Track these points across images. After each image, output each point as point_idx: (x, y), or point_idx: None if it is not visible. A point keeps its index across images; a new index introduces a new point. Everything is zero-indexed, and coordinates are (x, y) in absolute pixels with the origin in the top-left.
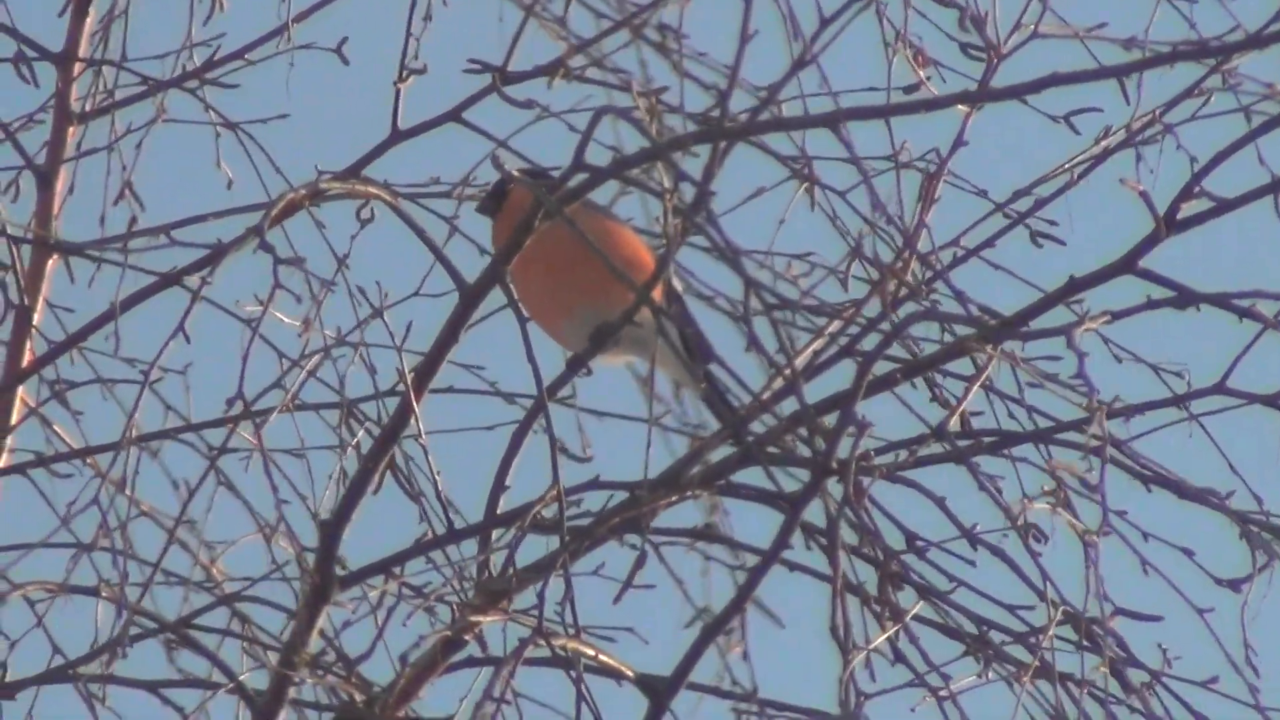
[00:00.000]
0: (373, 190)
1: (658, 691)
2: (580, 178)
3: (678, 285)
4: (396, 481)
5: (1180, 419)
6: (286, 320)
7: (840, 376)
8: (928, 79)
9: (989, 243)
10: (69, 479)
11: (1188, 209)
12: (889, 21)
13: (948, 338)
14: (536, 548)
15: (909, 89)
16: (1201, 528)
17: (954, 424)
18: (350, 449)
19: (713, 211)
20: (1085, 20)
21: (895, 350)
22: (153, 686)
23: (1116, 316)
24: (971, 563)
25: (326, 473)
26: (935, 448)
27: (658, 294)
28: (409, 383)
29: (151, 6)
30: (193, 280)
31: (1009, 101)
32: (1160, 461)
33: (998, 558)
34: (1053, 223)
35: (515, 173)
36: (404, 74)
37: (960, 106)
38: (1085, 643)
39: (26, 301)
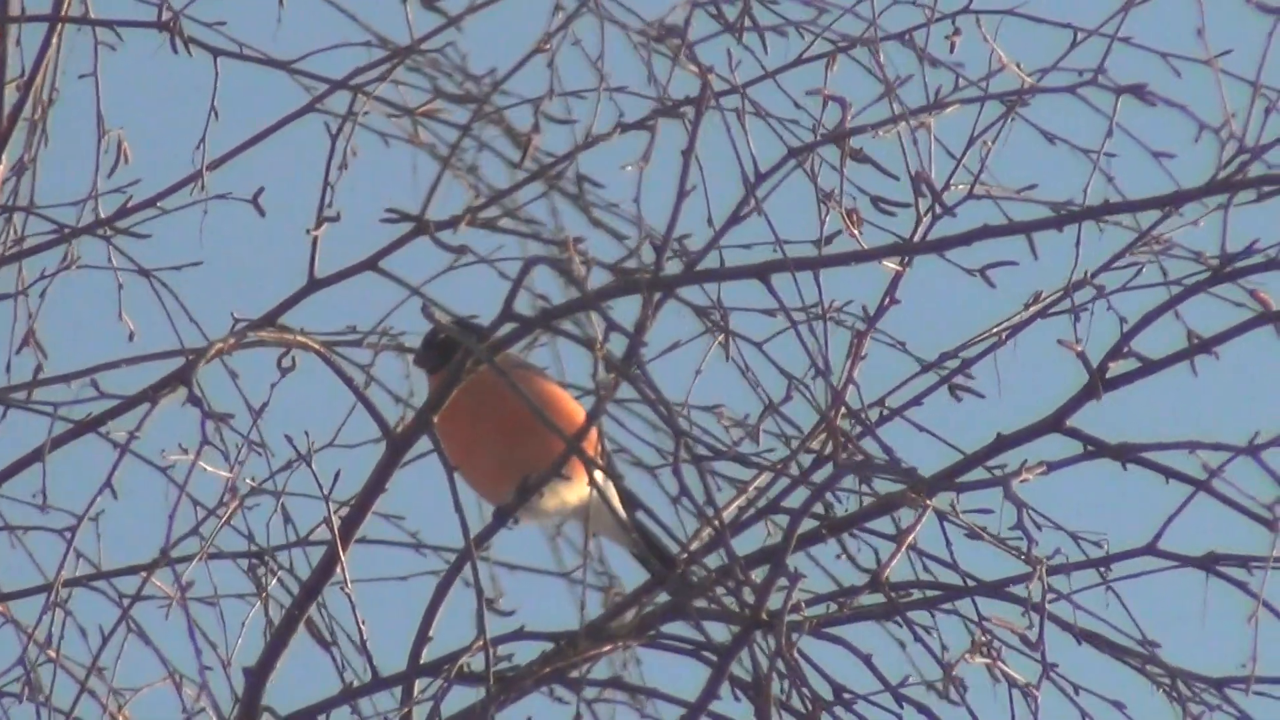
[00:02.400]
0: (299, 339)
1: None
2: (509, 327)
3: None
4: (309, 632)
5: (1105, 582)
6: (213, 470)
7: (759, 533)
8: (860, 238)
9: (915, 401)
10: None
11: (1116, 368)
12: (819, 177)
13: (867, 498)
14: (462, 699)
15: (829, 239)
16: (1133, 681)
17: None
18: (264, 597)
19: (643, 363)
20: (1020, 179)
21: (818, 508)
22: None
23: (1052, 467)
24: (898, 716)
25: (240, 620)
26: (866, 600)
27: (590, 446)
28: (335, 531)
29: (62, 155)
30: (119, 434)
31: (941, 259)
32: (1093, 612)
33: (924, 716)
34: (970, 375)
35: (444, 321)
36: (319, 221)
37: (889, 262)
38: None
39: None
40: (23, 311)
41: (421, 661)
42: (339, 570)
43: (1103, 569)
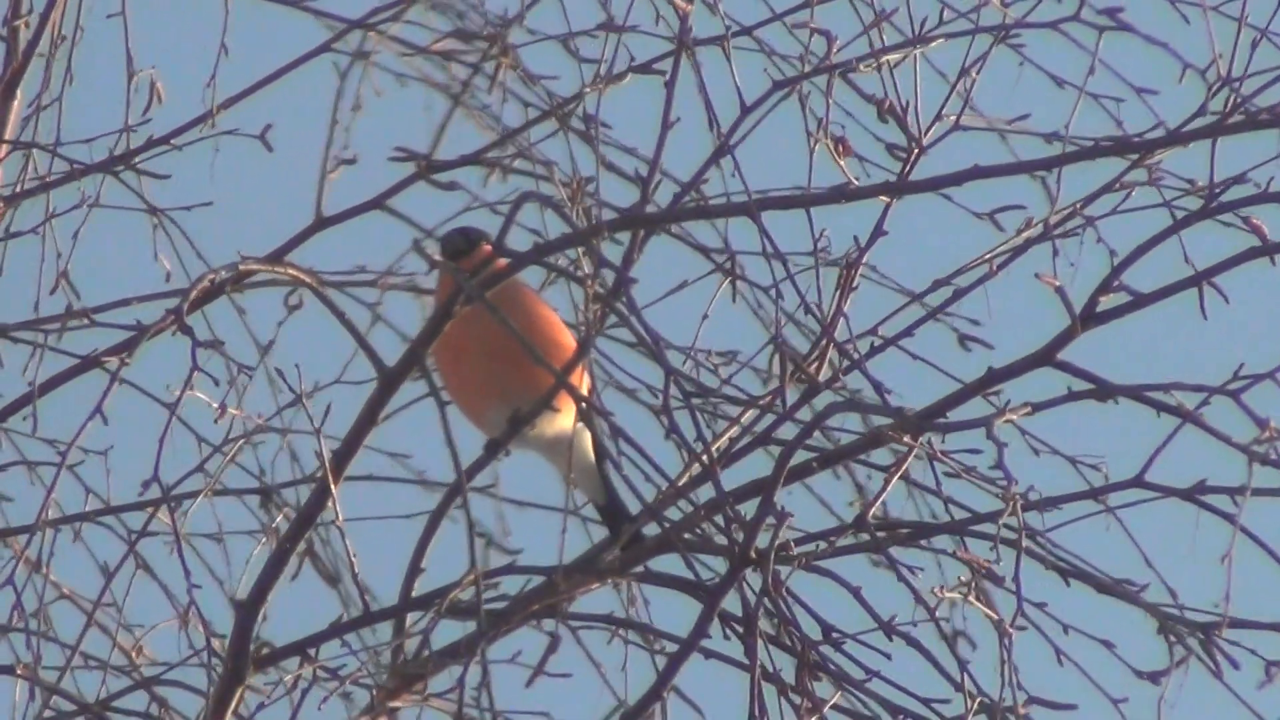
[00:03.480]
0: (292, 272)
1: None
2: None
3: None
4: (314, 568)
5: (1098, 510)
6: (210, 403)
7: (755, 467)
8: (849, 170)
9: (907, 332)
10: None
11: (1106, 302)
12: (811, 111)
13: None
14: (452, 632)
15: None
16: (1121, 620)
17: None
18: (270, 534)
19: (633, 298)
20: (1008, 114)
21: (812, 441)
22: None
23: (1036, 408)
24: (887, 655)
25: (245, 558)
26: (853, 538)
27: (578, 379)
28: (327, 466)
29: (82, 91)
30: (113, 362)
31: (930, 195)
32: (1080, 554)
33: (914, 649)
34: (976, 322)
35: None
36: (334, 165)
37: (881, 198)
38: None
39: None
40: (49, 248)
41: (413, 595)
42: (332, 504)
43: (1098, 498)
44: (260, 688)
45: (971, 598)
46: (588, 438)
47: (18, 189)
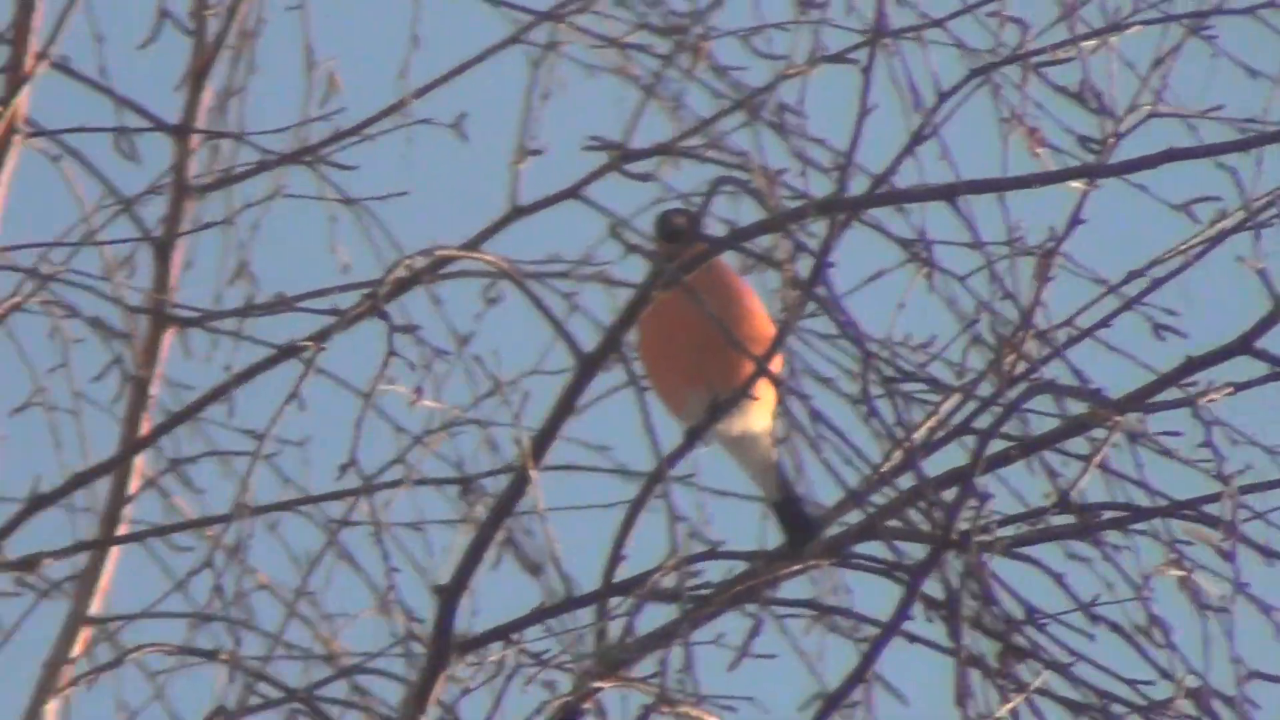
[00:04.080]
0: (489, 259)
1: None
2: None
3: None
4: (515, 556)
5: None
6: (404, 392)
7: (952, 457)
8: (1043, 160)
9: (1103, 323)
10: (188, 552)
11: None
12: (1004, 101)
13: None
14: (655, 617)
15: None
16: None
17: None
18: (469, 523)
19: (831, 283)
20: (1199, 105)
21: (1009, 430)
22: None
23: (1239, 389)
24: (1090, 635)
25: (444, 547)
26: (1057, 521)
27: (777, 366)
28: (526, 453)
29: (269, 82)
30: (309, 350)
31: (1124, 187)
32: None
33: (1116, 633)
34: (1173, 312)
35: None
36: (520, 155)
37: (1077, 183)
38: (1206, 718)
39: (144, 373)
40: (231, 240)
41: (614, 581)
42: (531, 492)
43: None
44: (460, 677)
45: (1187, 577)
46: (768, 436)
47: (206, 180)
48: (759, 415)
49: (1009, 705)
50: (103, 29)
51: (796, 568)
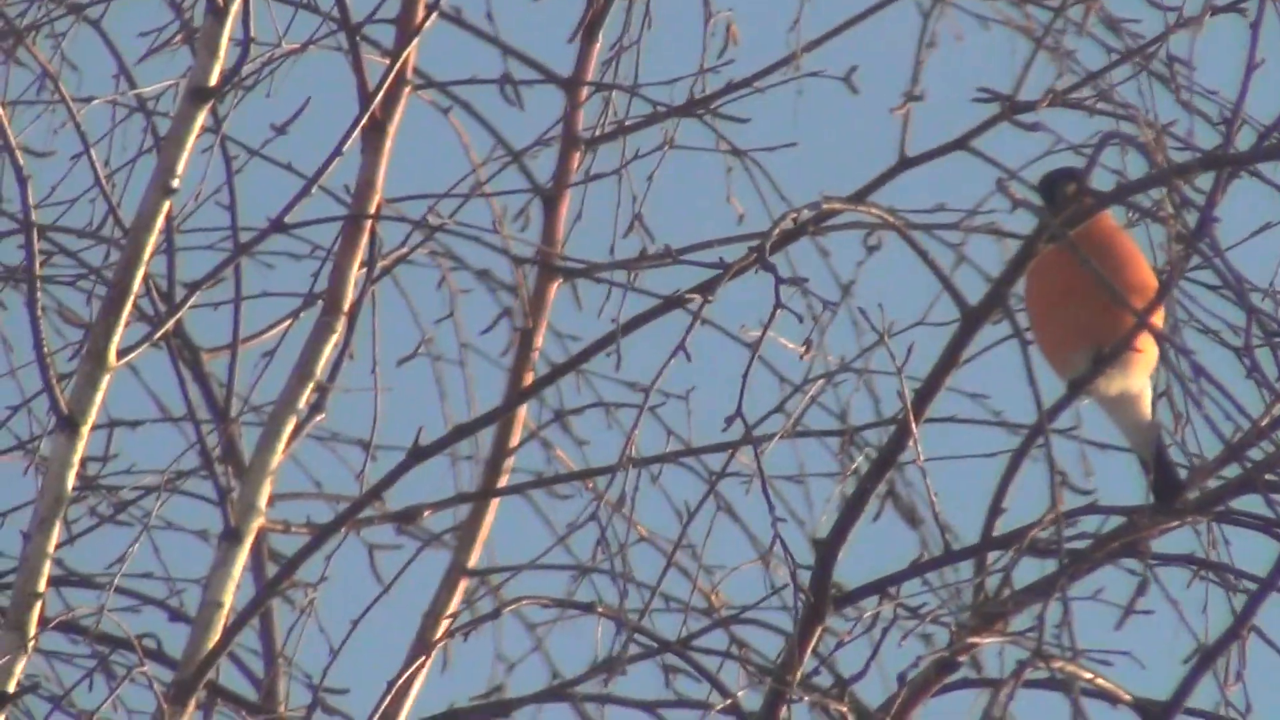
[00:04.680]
0: (875, 212)
1: (1154, 716)
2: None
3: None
4: (895, 508)
5: None
6: (788, 345)
7: None
8: None
9: None
10: (568, 500)
11: None
12: None
13: None
14: (1033, 571)
15: None
16: None
17: None
18: (850, 475)
19: (1215, 238)
20: None
21: None
22: (649, 706)
23: None
24: None
25: (825, 498)
26: None
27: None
28: (909, 405)
29: (661, 35)
30: (695, 301)
31: None
32: None
33: None
34: None
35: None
36: (902, 102)
37: None
38: None
39: (530, 324)
40: (625, 191)
41: (994, 534)
42: (912, 444)
43: None
44: (836, 630)
45: None
46: (1147, 393)
47: (596, 133)
48: (1139, 373)
49: None
50: None
51: (1173, 523)
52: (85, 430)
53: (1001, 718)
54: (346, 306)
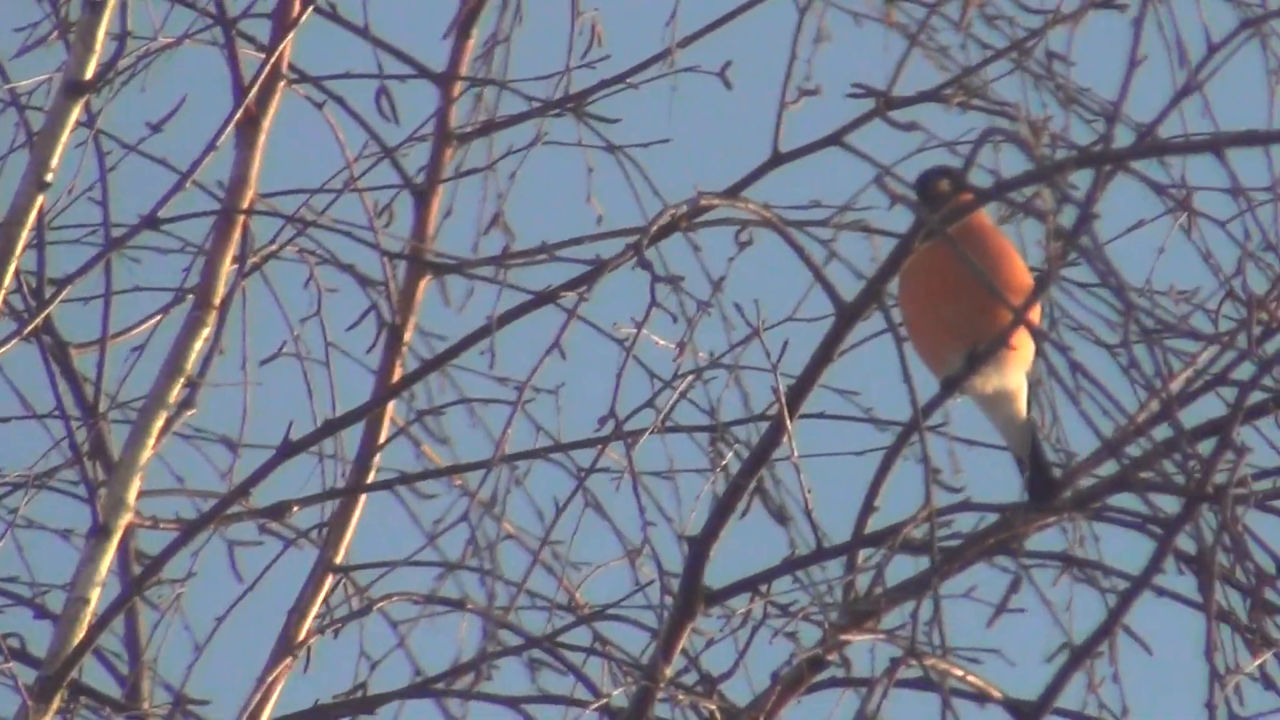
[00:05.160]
0: (751, 208)
1: (1024, 715)
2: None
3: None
4: (764, 505)
5: None
6: (661, 342)
7: (1209, 408)
8: None
9: None
10: (434, 499)
11: None
12: (1273, 53)
13: None
14: (905, 569)
15: None
16: None
17: None
18: (720, 471)
19: (1095, 234)
20: None
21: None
22: (515, 703)
23: None
24: None
25: (695, 495)
26: None
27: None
28: (783, 401)
29: (533, 32)
30: (568, 299)
31: None
32: None
33: None
34: None
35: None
36: (795, 96)
37: None
38: None
39: (398, 320)
40: (493, 186)
41: (866, 532)
42: (786, 441)
43: None
44: (704, 630)
45: None
46: (1023, 391)
47: (468, 129)
48: (1014, 371)
49: (1258, 660)
50: None
51: (1049, 520)
52: None
53: (875, 717)
54: (218, 301)
